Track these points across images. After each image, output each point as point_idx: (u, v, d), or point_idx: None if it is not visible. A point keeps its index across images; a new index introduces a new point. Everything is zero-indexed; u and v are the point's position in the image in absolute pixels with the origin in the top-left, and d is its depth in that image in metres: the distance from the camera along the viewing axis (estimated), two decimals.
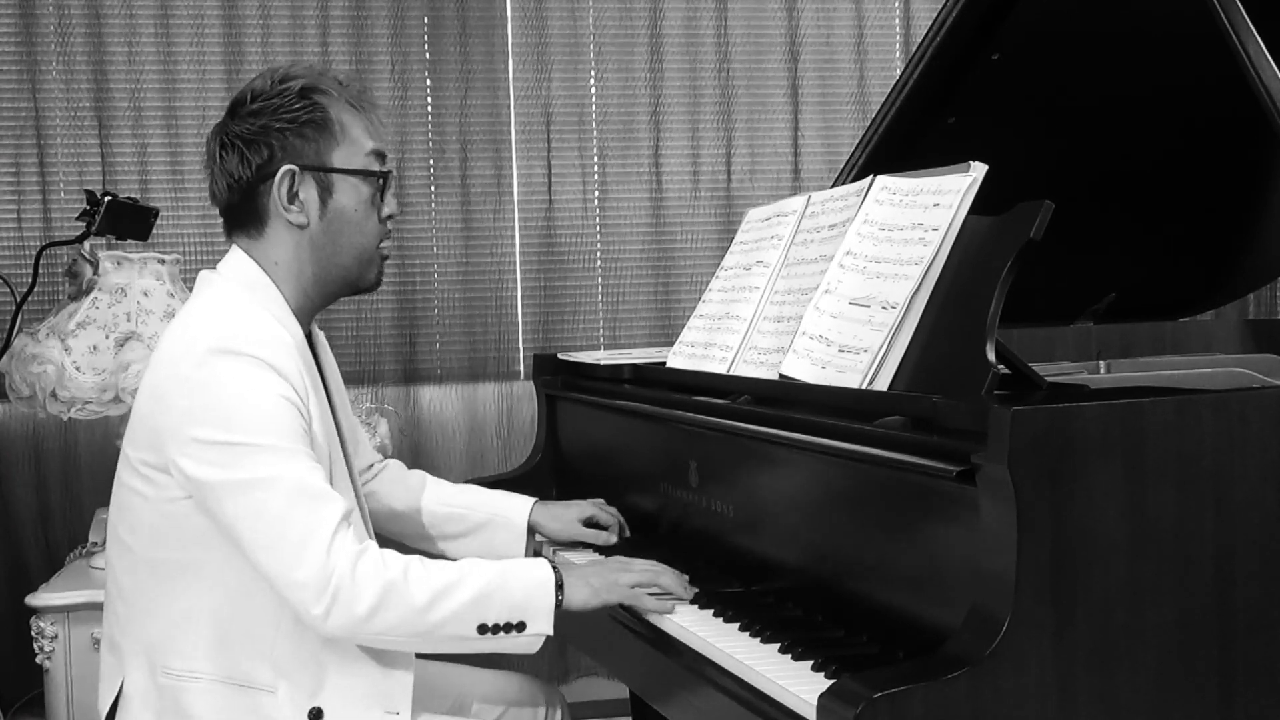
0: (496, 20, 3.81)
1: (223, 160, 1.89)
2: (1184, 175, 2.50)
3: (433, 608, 1.75)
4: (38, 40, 3.58)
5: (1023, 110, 2.40)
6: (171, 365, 1.82)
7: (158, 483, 1.80)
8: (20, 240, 3.58)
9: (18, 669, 3.30)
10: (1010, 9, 2.33)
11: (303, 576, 1.70)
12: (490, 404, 3.82)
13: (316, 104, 1.89)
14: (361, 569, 1.72)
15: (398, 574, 1.74)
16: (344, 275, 1.94)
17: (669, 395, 2.23)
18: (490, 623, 1.78)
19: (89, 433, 3.56)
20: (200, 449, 1.74)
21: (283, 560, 1.71)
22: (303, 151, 1.88)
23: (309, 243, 1.90)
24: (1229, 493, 1.46)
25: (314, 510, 1.73)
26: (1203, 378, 2.15)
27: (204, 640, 1.81)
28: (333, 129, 1.89)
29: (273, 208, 1.88)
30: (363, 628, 1.73)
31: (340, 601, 1.70)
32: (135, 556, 1.85)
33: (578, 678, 3.84)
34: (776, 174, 3.96)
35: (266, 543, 1.72)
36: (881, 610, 1.63)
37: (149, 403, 1.84)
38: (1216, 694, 1.45)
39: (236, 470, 1.73)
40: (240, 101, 1.91)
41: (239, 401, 1.75)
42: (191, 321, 1.86)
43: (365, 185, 1.92)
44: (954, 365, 1.63)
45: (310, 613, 1.71)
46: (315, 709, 1.82)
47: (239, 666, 1.81)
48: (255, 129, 1.87)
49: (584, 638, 2.17)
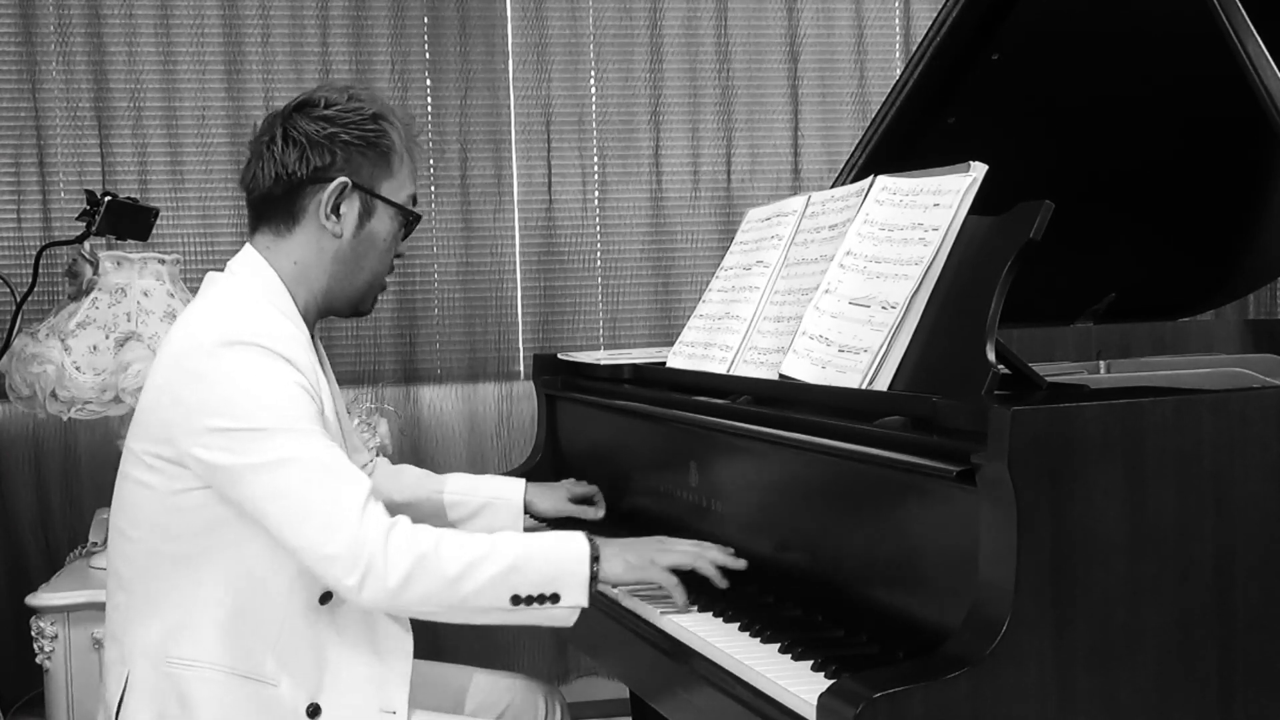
0: (496, 20, 3.81)
1: (282, 151, 1.91)
2: (1184, 175, 2.50)
3: (465, 578, 1.75)
4: (38, 40, 3.58)
5: (1023, 110, 2.40)
6: (181, 358, 1.83)
7: (168, 474, 1.81)
8: (20, 240, 3.58)
9: (18, 669, 3.30)
10: (1010, 9, 2.33)
11: (335, 549, 1.72)
12: (490, 404, 3.82)
13: (385, 132, 1.94)
14: (394, 540, 1.74)
15: (429, 545, 1.75)
16: (353, 294, 1.98)
17: (669, 395, 2.23)
18: (524, 594, 1.78)
19: (89, 433, 3.56)
20: (217, 437, 1.75)
21: (314, 535, 1.73)
22: (360, 170, 1.92)
23: (334, 254, 1.94)
24: (1229, 493, 1.46)
25: (341, 485, 1.75)
26: (1203, 378, 2.15)
27: (211, 631, 1.82)
28: (391, 160, 1.95)
29: (311, 210, 1.91)
30: (397, 598, 1.74)
31: (374, 572, 1.71)
32: (141, 549, 1.86)
33: (578, 678, 3.84)
34: (776, 174, 3.96)
35: (296, 519, 1.73)
36: (881, 610, 1.63)
37: (157, 396, 1.84)
38: (1216, 694, 1.45)
39: (258, 453, 1.74)
40: (312, 103, 1.93)
41: (253, 390, 1.77)
42: (201, 316, 1.88)
43: (397, 221, 1.97)
44: (954, 365, 1.63)
45: (344, 584, 1.72)
46: (313, 705, 1.84)
47: (245, 658, 1.82)
48: (325, 134, 1.90)
49: (584, 638, 2.17)
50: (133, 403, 2.85)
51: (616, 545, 1.88)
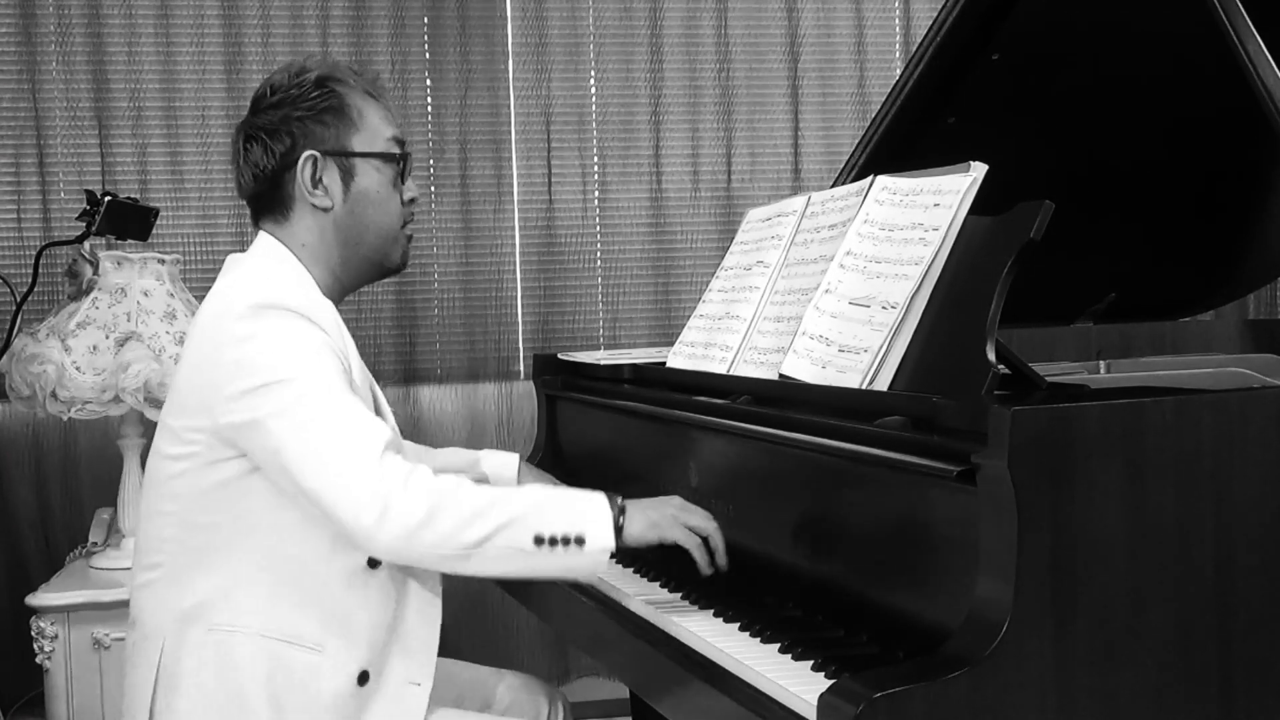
0: (496, 20, 3.81)
1: (247, 153, 1.95)
2: (1184, 175, 2.50)
3: (485, 515, 1.75)
4: (38, 40, 3.58)
5: (1023, 110, 2.40)
6: (211, 328, 1.86)
7: (205, 446, 1.83)
8: (20, 240, 3.58)
9: (18, 669, 3.30)
10: (1010, 9, 2.33)
11: (354, 488, 1.73)
12: (490, 404, 3.83)
13: (333, 91, 1.95)
14: (414, 481, 1.75)
15: (450, 485, 1.77)
16: (370, 255, 1.99)
17: (669, 395, 2.23)
18: (547, 534, 1.75)
19: (89, 433, 3.56)
20: (247, 397, 1.78)
21: (333, 476, 1.74)
22: (323, 137, 1.94)
23: (333, 225, 1.96)
24: (1229, 493, 1.46)
25: (361, 429, 1.77)
26: (1203, 378, 2.15)
27: (252, 597, 1.84)
28: (351, 115, 1.95)
29: (297, 193, 1.94)
30: (415, 538, 1.73)
31: (392, 511, 1.72)
32: (179, 521, 1.87)
33: (578, 678, 3.84)
34: (776, 174, 3.96)
35: (316, 461, 1.74)
36: (881, 610, 1.63)
37: (191, 368, 1.88)
38: (1216, 694, 1.45)
39: (280, 401, 1.77)
40: (260, 96, 1.97)
41: (278, 348, 1.80)
42: (230, 289, 1.91)
43: (386, 168, 1.98)
44: (954, 365, 1.63)
45: (362, 523, 1.72)
46: (364, 672, 1.86)
47: (286, 624, 1.84)
48: (276, 120, 1.93)
49: (584, 637, 2.17)
50: (133, 403, 2.86)
51: (640, 504, 1.85)
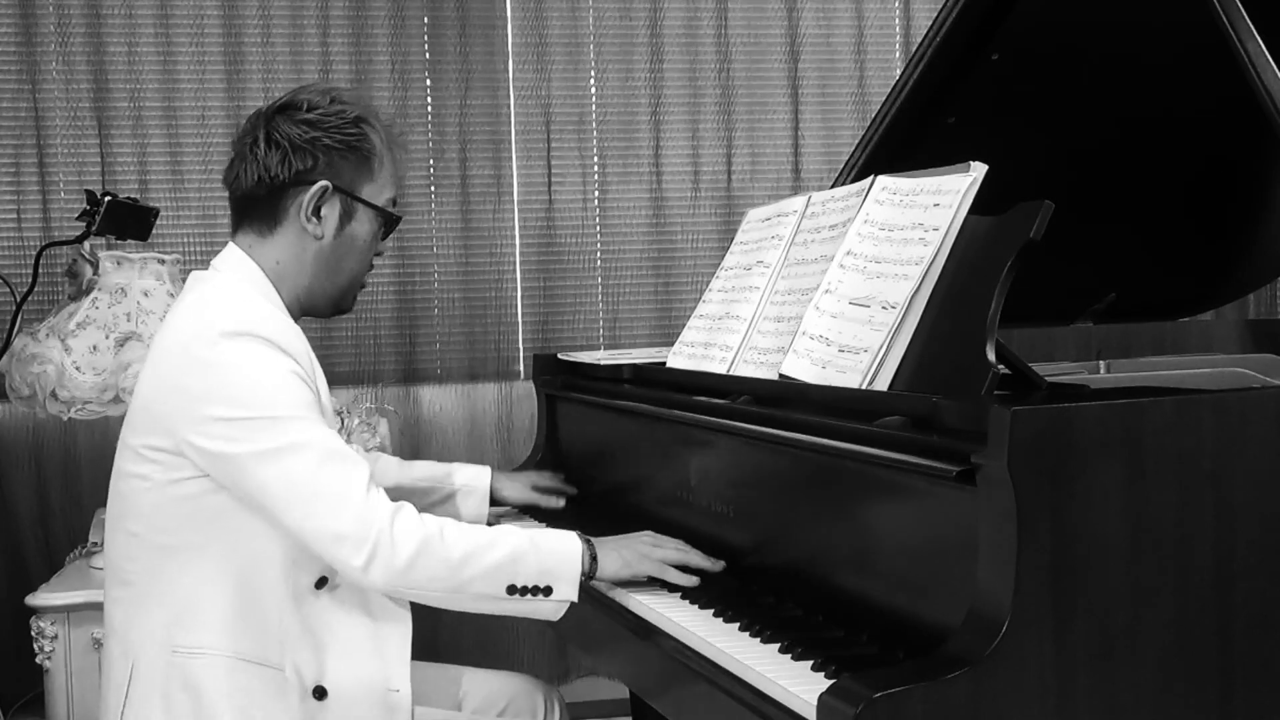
0: (496, 20, 3.81)
1: (265, 154, 1.93)
2: (1184, 175, 2.50)
3: (467, 563, 1.81)
4: (38, 40, 3.58)
5: (1023, 110, 2.40)
6: (180, 350, 1.85)
7: (165, 465, 1.83)
8: (20, 240, 3.58)
9: (18, 669, 3.30)
10: (1010, 9, 2.33)
11: (344, 530, 1.76)
12: (490, 404, 3.83)
13: (366, 136, 1.97)
14: (399, 523, 1.79)
15: (435, 530, 1.81)
16: (332, 293, 2.02)
17: (669, 395, 2.23)
18: (520, 584, 1.84)
19: (89, 433, 3.56)
20: (221, 426, 1.79)
21: (321, 518, 1.77)
22: (341, 173, 1.95)
23: (315, 255, 1.97)
24: (1229, 493, 1.46)
25: (345, 469, 1.80)
26: (1203, 378, 2.15)
27: (215, 617, 1.84)
28: (372, 164, 1.98)
29: (293, 212, 1.95)
30: (402, 579, 1.79)
31: (380, 553, 1.77)
32: (142, 542, 1.87)
33: (578, 678, 3.84)
34: (776, 174, 3.96)
35: (303, 504, 1.77)
36: (881, 610, 1.63)
37: (155, 389, 1.87)
38: (1216, 694, 1.45)
39: (263, 441, 1.78)
40: (294, 105, 1.96)
41: (255, 379, 1.81)
42: (196, 310, 1.90)
43: (376, 223, 2.01)
44: (954, 365, 1.63)
45: (351, 565, 1.77)
46: (319, 687, 1.87)
47: (250, 642, 1.85)
48: (307, 137, 1.93)
49: (584, 637, 2.17)
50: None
51: (611, 543, 1.93)
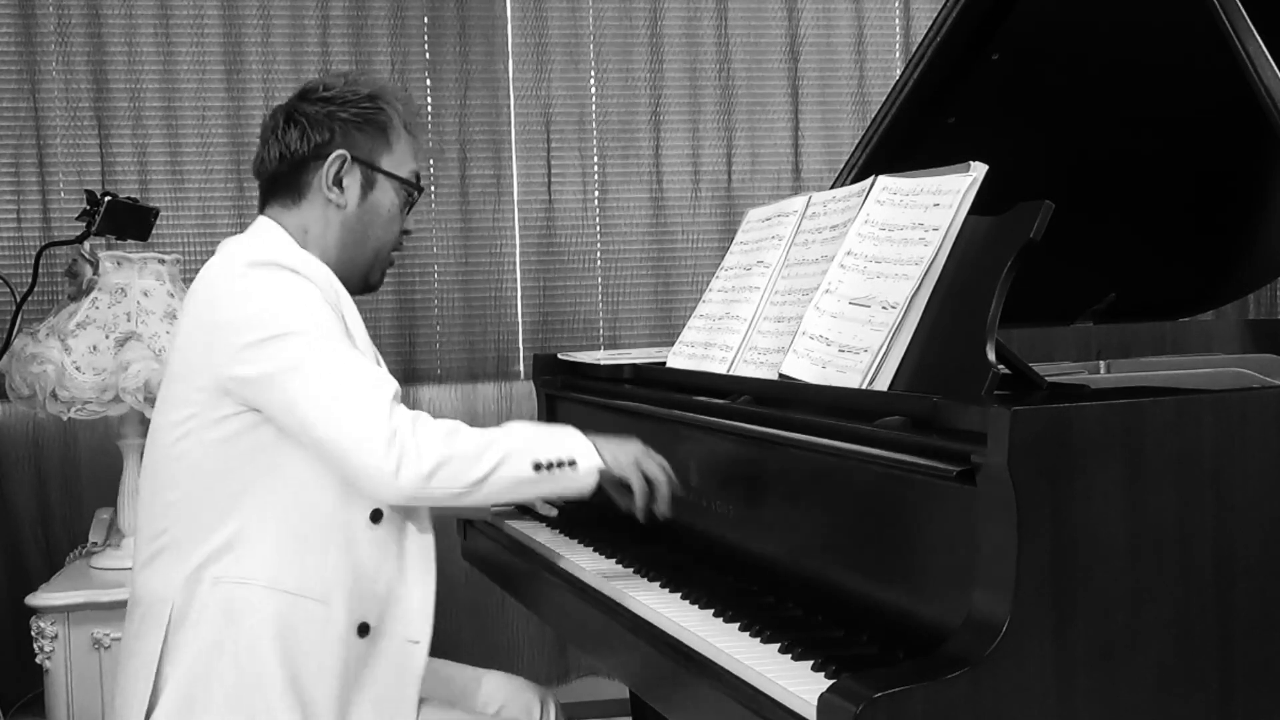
0: (496, 20, 3.81)
1: (285, 133, 2.03)
2: (1184, 175, 2.50)
3: (488, 451, 1.88)
4: (38, 40, 3.58)
5: (1023, 110, 2.40)
6: (211, 286, 1.94)
7: (206, 406, 1.88)
8: (20, 240, 3.58)
9: (18, 669, 3.30)
10: (1010, 9, 2.33)
11: (371, 437, 1.82)
12: (490, 404, 3.83)
13: (381, 109, 2.06)
14: (422, 425, 1.86)
15: (452, 427, 1.89)
16: (360, 264, 2.08)
17: (669, 395, 2.23)
18: (545, 460, 1.92)
19: (89, 433, 3.56)
20: (252, 350, 1.85)
21: (350, 426, 1.83)
22: (359, 144, 2.04)
23: (341, 223, 2.04)
24: (1229, 493, 1.46)
25: (370, 381, 1.87)
26: (1203, 378, 2.15)
27: (261, 550, 1.89)
28: (389, 135, 2.06)
29: (316, 184, 2.03)
30: (430, 481, 1.84)
31: (408, 454, 1.82)
32: (187, 485, 1.91)
33: (578, 677, 3.84)
34: (776, 174, 3.96)
35: (332, 413, 1.83)
36: (881, 610, 1.63)
37: (192, 330, 1.93)
38: (1216, 694, 1.45)
39: (291, 355, 1.84)
40: (312, 89, 2.07)
41: (280, 299, 1.88)
42: (225, 257, 1.98)
43: (400, 193, 2.08)
44: (954, 365, 1.63)
45: (381, 469, 1.81)
46: (364, 624, 1.93)
47: (294, 575, 1.89)
48: (323, 113, 2.03)
49: (584, 637, 2.17)
50: (133, 403, 2.86)
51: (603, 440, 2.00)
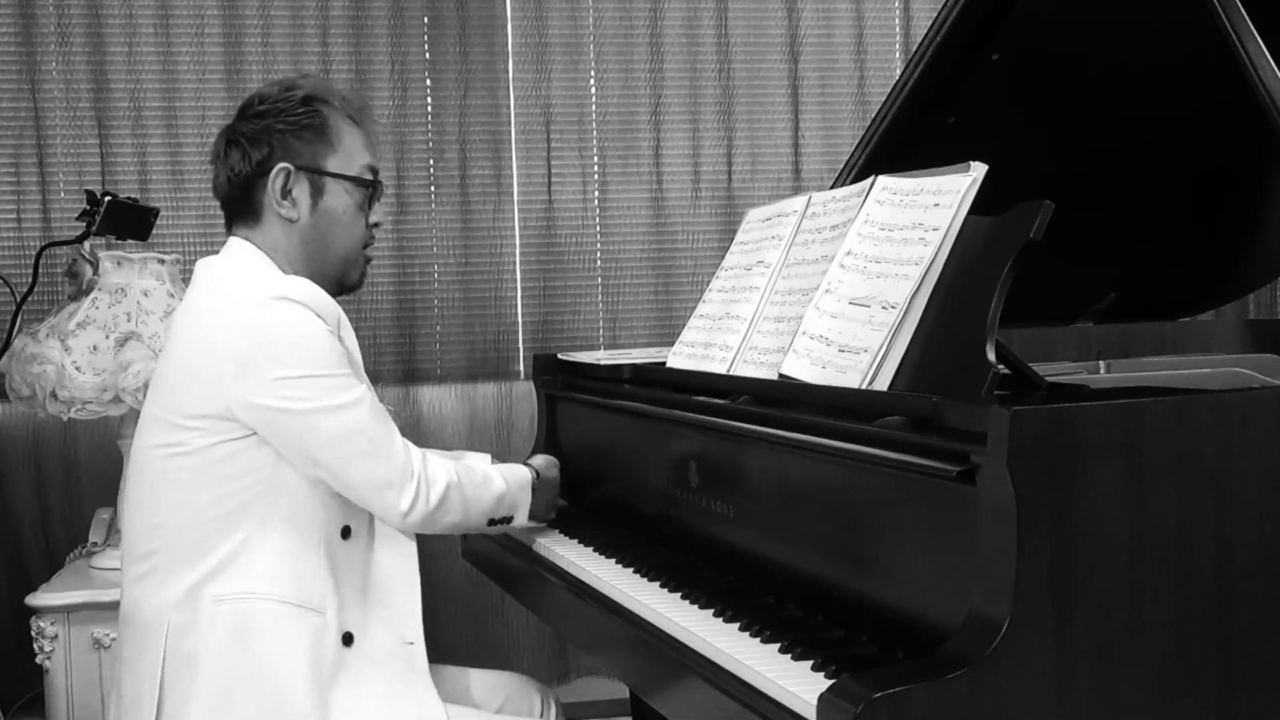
0: (496, 20, 3.81)
1: (227, 156, 2.05)
2: (1184, 175, 2.50)
3: (474, 502, 2.08)
4: (38, 40, 3.58)
5: (1023, 110, 2.40)
6: (224, 314, 1.94)
7: (208, 430, 1.91)
8: (20, 240, 3.58)
9: (18, 669, 3.30)
10: (1010, 9, 2.33)
11: (394, 477, 1.96)
12: (490, 404, 3.83)
13: (317, 111, 2.05)
14: (431, 465, 2.02)
15: (454, 475, 2.05)
16: (330, 271, 2.08)
17: (669, 395, 2.23)
18: (498, 516, 2.15)
19: (89, 433, 3.56)
20: (284, 386, 1.90)
21: (378, 468, 1.95)
22: (299, 153, 2.03)
23: (299, 237, 2.04)
24: (1229, 493, 1.46)
25: (389, 423, 1.99)
26: (1203, 378, 2.15)
27: (261, 563, 1.91)
28: (330, 136, 2.05)
29: (267, 202, 2.03)
30: (432, 518, 2.01)
31: (421, 493, 1.98)
32: (179, 506, 1.93)
33: (578, 677, 3.84)
34: (776, 174, 3.96)
35: (363, 455, 1.94)
36: (881, 610, 1.63)
37: (197, 355, 1.94)
38: (1216, 694, 1.45)
39: (327, 396, 1.92)
40: (248, 104, 2.07)
41: (306, 338, 1.92)
42: (226, 283, 1.99)
43: (355, 192, 2.07)
44: (954, 365, 1.63)
45: (399, 509, 1.97)
46: (347, 634, 1.95)
47: (296, 588, 1.92)
48: (259, 129, 2.03)
49: (584, 637, 2.17)
50: (133, 403, 2.86)
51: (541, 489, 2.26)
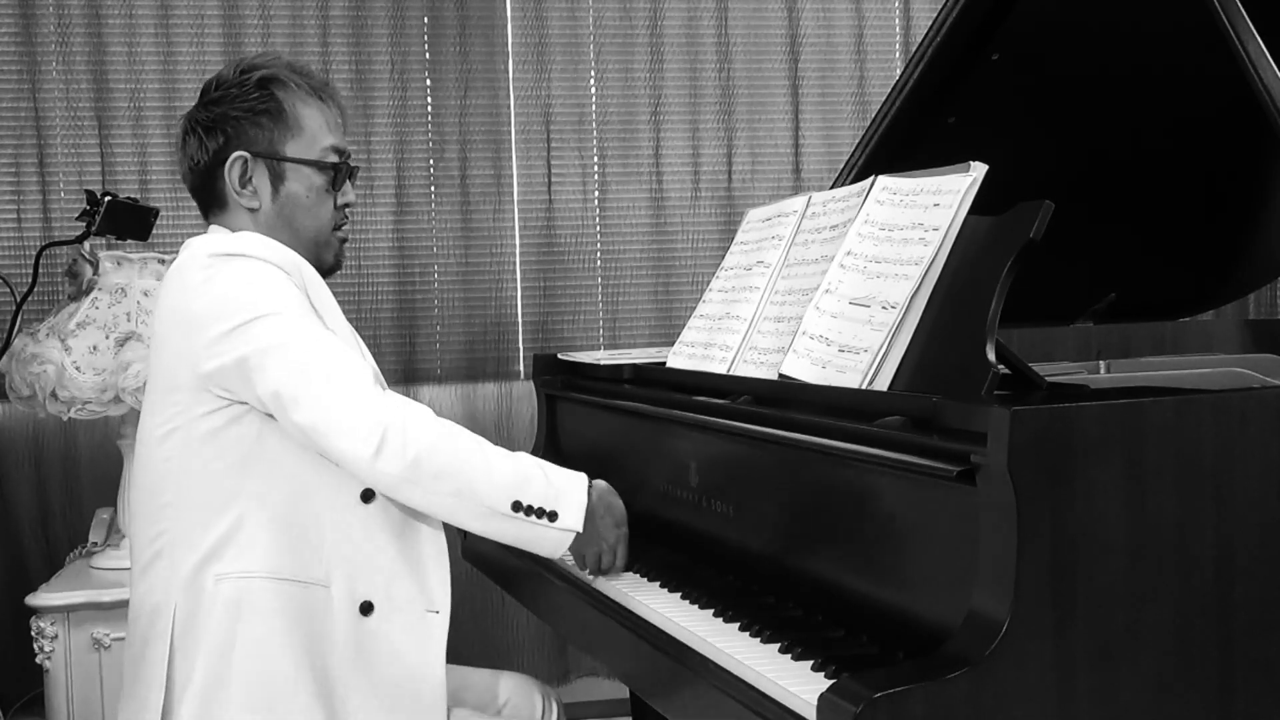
0: (496, 20, 3.81)
1: (185, 144, 1.99)
2: (1184, 175, 2.50)
3: (477, 467, 1.80)
4: (38, 40, 3.58)
5: (1023, 110, 2.40)
6: (179, 285, 1.89)
7: (189, 403, 1.85)
8: (20, 240, 3.58)
9: (18, 669, 3.30)
10: (1010, 9, 2.33)
11: (350, 418, 1.76)
12: (490, 404, 3.83)
13: (273, 95, 1.97)
14: (413, 414, 1.79)
15: (450, 428, 1.82)
16: (303, 254, 1.98)
17: (669, 395, 2.23)
18: (526, 502, 1.83)
19: (89, 433, 3.56)
20: (225, 341, 1.80)
21: (331, 407, 1.76)
22: (256, 139, 1.96)
23: (265, 224, 1.99)
24: (1229, 493, 1.46)
25: (349, 362, 1.81)
26: (1203, 378, 2.15)
27: (258, 540, 1.85)
28: (287, 120, 1.97)
29: (228, 191, 1.98)
30: (411, 471, 1.77)
31: (390, 442, 1.76)
32: (177, 485, 1.88)
33: (578, 678, 3.84)
34: (776, 174, 3.96)
35: (313, 394, 1.77)
36: (881, 610, 1.63)
37: (167, 331, 1.89)
38: (1216, 694, 1.45)
39: (265, 337, 1.79)
40: (205, 90, 2.00)
41: (248, 287, 1.83)
42: (190, 250, 1.93)
43: (319, 175, 2.00)
44: (954, 365, 1.63)
45: (359, 454, 1.75)
46: (366, 603, 1.88)
47: (294, 563, 1.86)
48: (214, 116, 1.96)
49: (584, 637, 2.17)
50: (133, 403, 2.86)
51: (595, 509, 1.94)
